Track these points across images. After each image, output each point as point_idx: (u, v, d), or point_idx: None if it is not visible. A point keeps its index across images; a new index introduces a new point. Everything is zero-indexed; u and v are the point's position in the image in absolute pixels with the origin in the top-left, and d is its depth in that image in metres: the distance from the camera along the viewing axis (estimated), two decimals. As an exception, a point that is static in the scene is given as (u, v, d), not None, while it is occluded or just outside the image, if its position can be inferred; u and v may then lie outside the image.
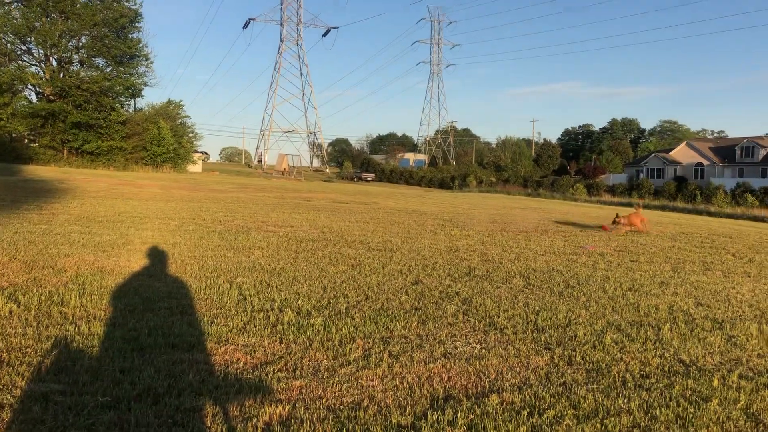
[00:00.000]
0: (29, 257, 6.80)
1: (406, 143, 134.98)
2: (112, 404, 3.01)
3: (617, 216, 14.57)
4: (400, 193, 38.74)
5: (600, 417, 3.25)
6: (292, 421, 2.99)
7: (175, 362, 3.67)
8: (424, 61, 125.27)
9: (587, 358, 4.27)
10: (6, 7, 48.79)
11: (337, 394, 3.38)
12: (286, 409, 3.10)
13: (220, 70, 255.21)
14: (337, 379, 3.60)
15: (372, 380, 3.62)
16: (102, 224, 10.49)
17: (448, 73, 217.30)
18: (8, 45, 48.39)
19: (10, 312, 4.55)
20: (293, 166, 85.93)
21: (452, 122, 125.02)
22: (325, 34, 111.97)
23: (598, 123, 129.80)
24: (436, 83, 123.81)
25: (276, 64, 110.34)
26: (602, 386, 3.72)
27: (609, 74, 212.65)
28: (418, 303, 5.73)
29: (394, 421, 3.06)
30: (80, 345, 3.91)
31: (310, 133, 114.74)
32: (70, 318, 4.51)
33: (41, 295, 5.12)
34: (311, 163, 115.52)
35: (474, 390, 3.57)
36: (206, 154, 67.57)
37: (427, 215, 17.20)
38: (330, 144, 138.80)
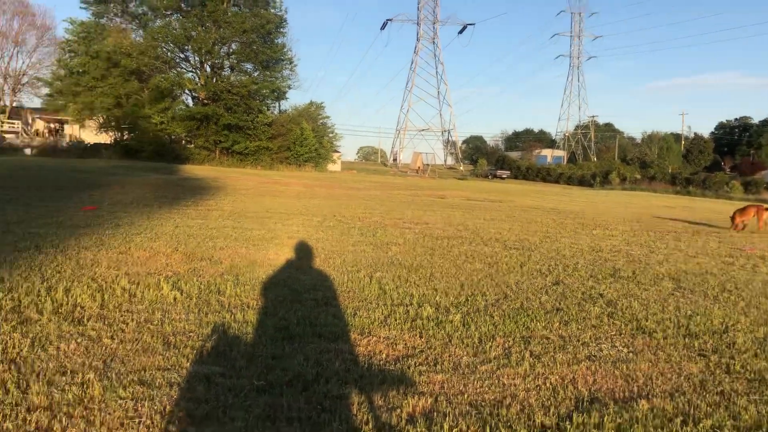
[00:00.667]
0: (189, 249, 7.37)
1: (544, 139, 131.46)
2: (266, 388, 3.20)
3: (734, 215, 13.64)
4: (537, 191, 37.88)
5: (764, 430, 3.02)
6: (435, 414, 3.03)
7: (322, 351, 3.83)
8: (563, 54, 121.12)
9: (748, 367, 3.97)
10: (167, 19, 53.13)
11: (478, 390, 3.38)
12: (429, 402, 3.15)
13: (358, 71, 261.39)
14: (478, 375, 3.61)
15: (513, 379, 3.59)
16: (252, 219, 11.14)
17: (589, 65, 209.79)
18: (169, 54, 52.65)
19: (175, 299, 4.96)
20: (427, 164, 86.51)
21: (593, 117, 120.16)
22: (461, 31, 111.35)
23: (758, 115, 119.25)
24: (576, 76, 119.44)
25: (412, 63, 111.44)
26: (766, 398, 3.45)
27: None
28: (560, 303, 5.59)
29: (537, 420, 3.02)
30: (236, 331, 4.19)
31: (445, 131, 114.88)
32: (227, 306, 4.85)
33: (201, 284, 5.53)
34: (445, 161, 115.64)
35: (621, 394, 3.44)
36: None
37: (567, 213, 16.70)
38: (464, 141, 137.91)
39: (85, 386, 3.09)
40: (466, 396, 3.29)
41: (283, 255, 7.40)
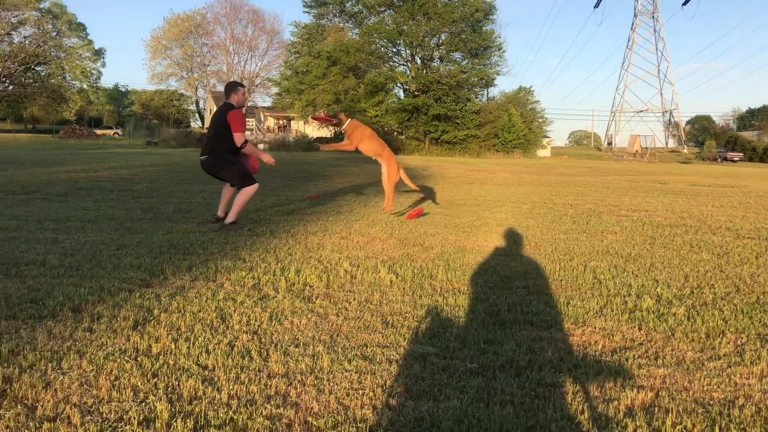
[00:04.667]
0: (402, 235, 7.70)
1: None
2: (479, 371, 3.27)
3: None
4: (778, 175, 33.73)
5: None
6: (656, 408, 2.89)
7: (533, 339, 3.82)
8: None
9: None
10: (381, 15, 55.56)
11: (705, 387, 3.15)
12: (649, 396, 3.00)
13: (570, 53, 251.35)
14: (705, 372, 3.36)
15: (747, 378, 3.29)
16: (460, 207, 11.32)
17: None
18: (382, 49, 55.06)
19: (391, 282, 5.24)
20: (646, 148, 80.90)
21: None
22: (685, 3, 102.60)
23: None
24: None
25: (629, 41, 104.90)
26: None
27: None
28: (805, 299, 4.97)
29: (776, 425, 2.75)
30: (448, 315, 4.33)
31: (666, 112, 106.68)
32: (439, 290, 5.01)
33: (414, 268, 5.77)
34: (666, 143, 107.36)
35: None
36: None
37: (815, 200, 14.69)
38: (688, 122, 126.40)
39: (315, 358, 3.41)
40: (691, 393, 3.08)
41: (492, 242, 7.44)
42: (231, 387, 2.98)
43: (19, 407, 2.68)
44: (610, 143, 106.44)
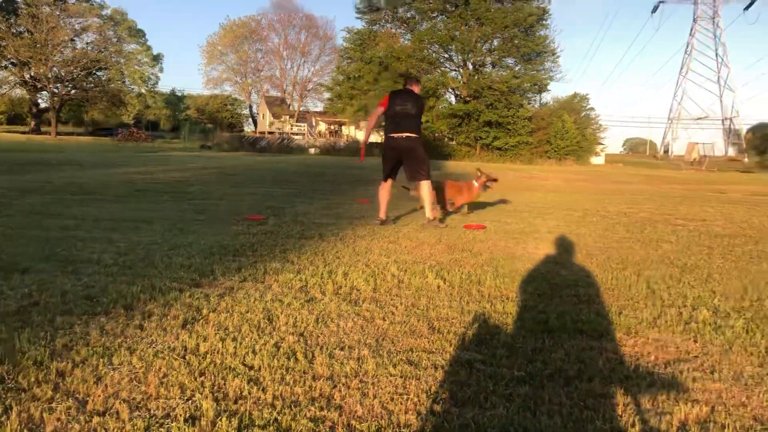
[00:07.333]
0: (451, 241, 7.65)
1: None
2: (527, 380, 3.21)
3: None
4: None
5: None
6: (711, 424, 2.77)
7: (583, 348, 3.73)
8: None
9: None
10: (433, 21, 55.57)
11: (765, 404, 3.02)
12: (704, 411, 2.89)
13: (625, 59, 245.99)
14: (765, 388, 3.21)
15: (811, 396, 3.13)
16: (510, 214, 11.19)
17: None
18: (434, 54, 55.02)
19: (438, 287, 5.20)
20: (704, 156, 78.51)
21: None
22: (747, 7, 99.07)
23: None
24: None
25: (687, 46, 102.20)
26: None
27: None
28: None
29: (841, 447, 2.61)
30: (496, 321, 4.26)
31: (726, 119, 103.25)
32: (487, 296, 4.95)
33: (462, 274, 5.71)
34: (726, 151, 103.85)
35: None
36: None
37: None
38: (749, 129, 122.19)
39: (360, 361, 3.40)
40: (749, 409, 2.96)
41: (543, 249, 7.32)
42: (276, 388, 3.00)
43: (70, 401, 2.75)
44: (666, 151, 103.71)
